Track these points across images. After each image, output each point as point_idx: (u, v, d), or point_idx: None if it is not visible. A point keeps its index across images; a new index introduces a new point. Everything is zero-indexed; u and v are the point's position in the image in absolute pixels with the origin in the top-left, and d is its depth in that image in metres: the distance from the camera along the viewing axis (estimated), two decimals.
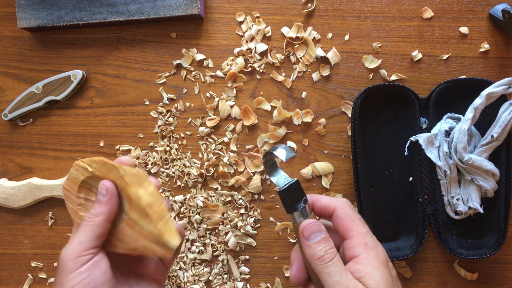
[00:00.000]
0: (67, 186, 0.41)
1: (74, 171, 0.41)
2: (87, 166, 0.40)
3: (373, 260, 0.36)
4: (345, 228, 0.38)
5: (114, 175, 0.40)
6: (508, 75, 0.61)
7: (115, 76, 0.65)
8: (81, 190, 0.41)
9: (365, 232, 0.38)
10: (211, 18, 0.64)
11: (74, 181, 0.41)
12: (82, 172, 0.41)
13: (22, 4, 0.63)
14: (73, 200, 0.41)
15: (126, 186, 0.39)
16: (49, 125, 0.66)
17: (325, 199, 0.40)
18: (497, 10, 0.59)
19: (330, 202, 0.40)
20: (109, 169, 0.40)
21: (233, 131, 0.64)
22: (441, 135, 0.58)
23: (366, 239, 0.38)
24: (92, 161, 0.41)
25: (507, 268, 0.61)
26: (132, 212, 0.39)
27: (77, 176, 0.41)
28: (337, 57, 0.62)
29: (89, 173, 0.41)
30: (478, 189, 0.57)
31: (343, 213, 0.39)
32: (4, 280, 0.67)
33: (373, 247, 0.37)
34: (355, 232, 0.38)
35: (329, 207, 0.40)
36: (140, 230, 0.39)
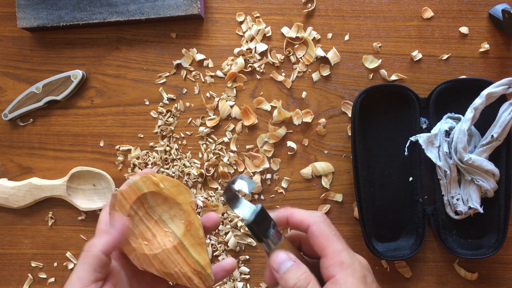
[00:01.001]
0: (124, 193, 0.39)
1: (140, 181, 0.39)
2: (159, 182, 0.39)
3: (350, 279, 0.35)
4: (319, 246, 0.37)
5: (183, 199, 0.40)
6: (508, 75, 0.61)
7: (115, 76, 0.65)
8: (136, 202, 0.39)
9: (340, 249, 0.36)
10: (211, 18, 0.64)
11: (135, 191, 0.39)
12: (149, 185, 0.39)
13: (22, 4, 0.63)
14: (125, 208, 0.39)
15: (191, 212, 0.40)
16: (49, 125, 0.66)
17: (300, 215, 0.39)
18: (497, 10, 0.59)
19: (305, 218, 0.38)
20: (180, 192, 0.40)
21: (233, 131, 0.64)
22: (441, 135, 0.58)
23: (342, 257, 0.36)
24: (164, 179, 0.40)
25: (507, 268, 0.61)
26: (186, 238, 0.40)
27: (141, 187, 0.39)
28: (337, 57, 0.62)
29: (156, 189, 0.39)
30: (478, 189, 0.57)
31: (317, 230, 0.37)
32: (4, 280, 0.67)
33: (349, 265, 0.36)
34: (330, 250, 0.36)
35: (303, 223, 0.38)
36: (187, 258, 0.39)
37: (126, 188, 0.39)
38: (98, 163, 0.65)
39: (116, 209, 0.39)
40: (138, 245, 0.39)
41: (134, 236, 0.39)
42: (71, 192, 0.64)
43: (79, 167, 0.64)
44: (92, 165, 0.65)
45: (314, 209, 0.63)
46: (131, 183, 0.39)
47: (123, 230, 0.38)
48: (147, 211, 0.40)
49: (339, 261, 0.35)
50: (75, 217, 0.66)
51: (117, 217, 0.38)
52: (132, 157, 0.64)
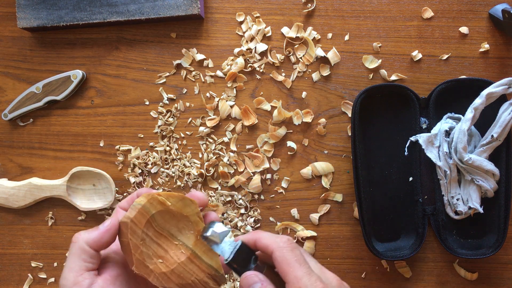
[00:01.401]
0: (135, 219, 0.39)
1: (147, 204, 0.39)
2: (165, 200, 0.40)
3: None
4: (281, 272, 0.37)
5: (190, 210, 0.40)
6: (508, 75, 0.61)
7: (115, 76, 0.65)
8: (146, 225, 0.39)
9: (300, 276, 0.36)
10: (211, 18, 0.64)
11: (144, 215, 0.39)
12: (156, 206, 0.39)
13: (22, 4, 0.63)
14: (138, 234, 0.39)
15: (198, 221, 0.41)
16: (49, 125, 0.66)
17: (266, 239, 0.38)
18: (497, 10, 0.59)
19: (269, 244, 0.38)
20: (186, 204, 0.40)
21: (233, 131, 0.64)
22: (441, 135, 0.58)
23: (301, 284, 0.35)
24: (169, 196, 0.40)
25: (507, 268, 0.61)
26: (196, 247, 0.40)
27: (149, 209, 0.39)
28: (337, 57, 0.62)
29: (163, 207, 0.40)
30: (478, 189, 0.57)
31: (279, 257, 0.37)
32: (4, 280, 0.67)
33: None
34: (290, 277, 0.36)
35: (268, 248, 0.38)
36: (200, 265, 0.40)
37: (136, 214, 0.39)
38: (98, 163, 0.65)
39: (131, 238, 0.39)
40: (155, 266, 0.39)
41: (149, 258, 0.39)
42: (71, 192, 0.64)
43: (79, 167, 0.64)
44: (92, 165, 0.65)
45: (314, 209, 0.63)
46: (139, 208, 0.39)
47: (111, 229, 0.39)
48: (156, 229, 0.40)
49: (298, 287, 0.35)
50: (75, 217, 0.66)
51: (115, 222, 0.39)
52: (132, 157, 0.64)
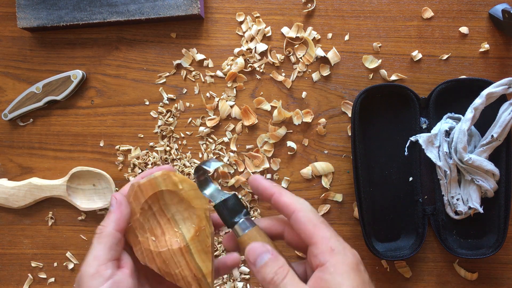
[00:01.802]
0: (142, 186, 0.39)
1: (160, 178, 0.39)
2: (178, 183, 0.39)
3: (341, 267, 0.33)
4: (307, 233, 0.35)
5: (199, 204, 0.40)
6: (508, 75, 0.61)
7: (115, 76, 0.65)
8: (152, 197, 0.39)
9: (329, 235, 0.34)
10: (211, 18, 0.64)
11: (153, 186, 0.39)
12: (167, 184, 0.39)
13: (22, 4, 0.63)
14: (140, 201, 0.39)
15: (203, 218, 0.40)
16: (49, 125, 0.66)
17: (286, 197, 0.37)
18: (497, 10, 0.59)
19: (290, 203, 0.36)
20: (197, 196, 0.40)
21: (233, 131, 0.64)
22: (441, 135, 0.58)
23: (332, 244, 0.34)
24: (184, 181, 0.40)
25: (507, 268, 0.61)
26: (193, 243, 0.39)
27: (160, 184, 0.39)
28: (337, 57, 0.62)
29: (174, 188, 0.39)
30: (478, 189, 0.57)
31: (304, 216, 0.35)
32: (4, 280, 0.67)
33: (340, 251, 0.34)
34: (318, 237, 0.34)
35: (289, 207, 0.36)
36: (190, 262, 0.39)
37: (144, 182, 0.39)
38: (98, 163, 0.65)
39: (131, 201, 0.39)
40: (145, 240, 0.39)
41: (143, 230, 0.39)
42: (71, 192, 0.64)
43: (79, 167, 0.64)
44: (92, 165, 0.65)
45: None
46: (151, 177, 0.39)
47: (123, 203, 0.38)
48: (161, 207, 0.40)
49: (328, 248, 0.34)
50: (75, 217, 0.66)
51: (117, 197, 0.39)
52: (132, 157, 0.64)
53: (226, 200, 0.38)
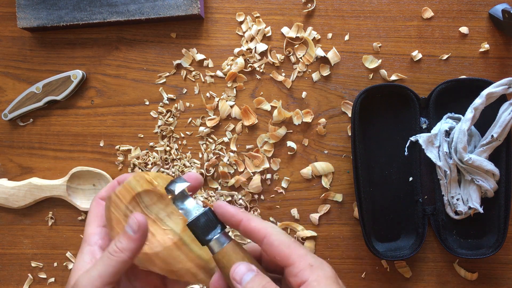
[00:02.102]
0: (119, 193, 0.39)
1: (133, 181, 0.39)
2: (152, 180, 0.39)
3: (323, 281, 0.33)
4: (283, 255, 0.35)
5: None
6: (508, 75, 0.61)
7: (115, 76, 0.65)
8: (131, 202, 0.39)
9: (305, 253, 0.35)
10: (211, 18, 0.64)
11: (129, 191, 0.39)
12: (142, 184, 0.39)
13: (22, 4, 0.63)
14: (121, 209, 0.39)
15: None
16: (49, 125, 0.66)
17: (255, 223, 0.37)
18: (497, 10, 0.59)
19: (260, 228, 0.36)
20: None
21: (233, 131, 0.64)
22: (441, 135, 0.58)
23: (309, 260, 0.34)
24: (157, 177, 0.39)
25: (507, 268, 0.61)
26: (185, 234, 0.39)
27: (135, 186, 0.39)
28: (337, 57, 0.62)
29: (150, 187, 0.39)
30: (478, 189, 0.57)
31: (276, 240, 0.35)
32: (4, 280, 0.67)
33: (318, 266, 0.34)
34: (295, 256, 0.34)
35: (259, 233, 0.36)
36: (188, 253, 0.39)
37: (120, 189, 0.39)
38: (98, 163, 0.65)
39: (112, 211, 0.38)
40: None
41: None
42: (71, 192, 0.64)
43: (79, 167, 0.64)
44: (92, 165, 0.65)
45: (314, 209, 0.63)
46: (125, 183, 0.39)
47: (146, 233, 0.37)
48: (143, 211, 0.39)
49: (307, 264, 0.34)
50: (75, 217, 0.66)
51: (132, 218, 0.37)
52: (132, 157, 0.64)
53: (198, 218, 0.37)
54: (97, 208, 0.41)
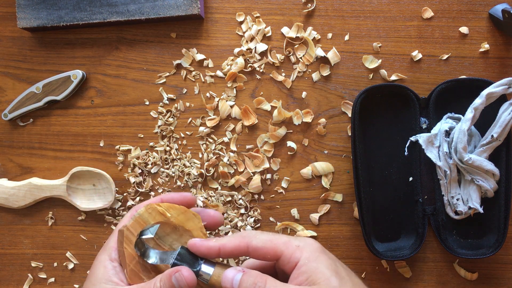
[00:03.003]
0: (131, 228, 0.38)
1: (145, 213, 0.38)
2: (165, 211, 0.38)
3: (312, 255, 0.36)
4: (271, 251, 0.36)
5: (193, 225, 0.39)
6: (508, 75, 0.61)
7: (115, 76, 0.65)
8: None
9: (288, 239, 0.37)
10: (211, 18, 0.64)
11: (141, 224, 0.38)
12: (155, 216, 0.38)
13: (22, 4, 0.63)
14: (133, 243, 0.38)
15: (202, 237, 0.39)
16: (49, 125, 0.66)
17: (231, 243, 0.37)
18: (497, 10, 0.59)
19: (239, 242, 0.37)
20: (188, 218, 0.39)
21: (233, 131, 0.64)
22: (441, 135, 0.58)
23: (294, 243, 0.37)
24: (170, 207, 0.39)
25: (507, 268, 0.61)
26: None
27: (147, 219, 0.38)
28: (337, 57, 0.62)
29: (163, 219, 0.38)
30: (478, 189, 0.57)
31: (258, 242, 0.37)
32: (4, 280, 0.67)
33: (305, 244, 0.37)
34: (281, 245, 0.36)
35: (240, 248, 0.37)
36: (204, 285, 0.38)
37: (132, 222, 0.38)
38: (98, 163, 0.65)
39: (125, 247, 0.37)
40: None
41: (146, 271, 0.38)
42: (71, 192, 0.64)
43: (79, 167, 0.64)
44: (92, 165, 0.65)
45: (314, 209, 0.63)
46: (136, 216, 0.38)
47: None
48: (157, 243, 0.39)
49: (294, 247, 0.36)
50: (75, 217, 0.66)
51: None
52: (132, 157, 0.64)
53: (180, 254, 0.37)
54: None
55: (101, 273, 0.38)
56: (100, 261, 0.39)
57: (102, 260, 0.39)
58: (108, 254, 0.39)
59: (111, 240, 0.40)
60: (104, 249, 0.40)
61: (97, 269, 0.38)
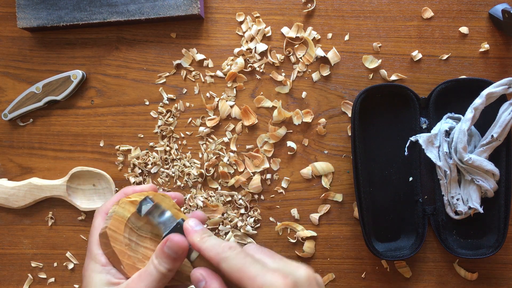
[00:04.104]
0: (112, 227, 0.39)
1: (119, 209, 0.39)
2: (136, 200, 0.39)
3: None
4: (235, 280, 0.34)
5: (165, 205, 0.40)
6: (508, 75, 0.61)
7: (115, 76, 0.65)
8: (125, 230, 0.39)
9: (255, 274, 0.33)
10: (211, 18, 0.64)
11: (120, 220, 0.39)
12: (129, 208, 0.39)
13: (22, 4, 0.63)
14: (120, 240, 0.39)
15: (178, 213, 0.40)
16: (49, 125, 0.66)
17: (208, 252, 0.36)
18: (497, 10, 0.59)
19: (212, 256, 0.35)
20: (160, 200, 0.40)
21: (233, 131, 0.64)
22: (441, 135, 0.58)
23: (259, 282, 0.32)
24: (140, 195, 0.40)
25: (507, 268, 0.61)
26: None
27: (123, 213, 0.39)
28: (337, 57, 0.62)
29: (136, 208, 0.39)
30: (478, 189, 0.57)
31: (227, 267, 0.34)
32: (4, 280, 0.67)
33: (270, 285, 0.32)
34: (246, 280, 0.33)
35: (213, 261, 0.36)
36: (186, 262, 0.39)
37: (111, 221, 0.39)
38: (98, 163, 0.65)
39: (113, 246, 0.38)
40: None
41: (140, 261, 0.39)
42: (71, 192, 0.64)
43: (79, 167, 0.64)
44: (92, 165, 0.65)
45: (314, 209, 0.63)
46: (113, 214, 0.39)
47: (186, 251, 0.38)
48: (138, 234, 0.40)
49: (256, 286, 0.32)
50: (75, 217, 0.66)
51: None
52: (132, 157, 0.64)
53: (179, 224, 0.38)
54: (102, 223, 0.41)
55: (98, 279, 0.38)
56: (92, 270, 0.39)
57: (94, 269, 0.39)
58: (97, 261, 0.39)
59: (93, 248, 0.40)
60: (90, 258, 0.40)
61: (92, 278, 0.39)
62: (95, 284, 0.38)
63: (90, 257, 0.40)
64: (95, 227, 0.41)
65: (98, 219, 0.42)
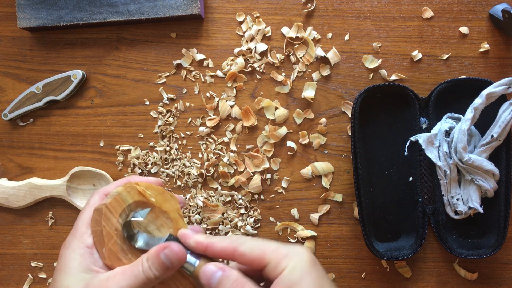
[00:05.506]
0: (110, 206, 0.37)
1: (124, 192, 0.38)
2: (144, 190, 0.38)
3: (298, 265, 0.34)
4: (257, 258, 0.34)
5: (170, 206, 0.39)
6: (508, 75, 0.61)
7: (115, 76, 0.65)
8: (122, 215, 0.38)
9: (277, 246, 0.35)
10: (211, 18, 0.64)
11: (120, 203, 0.37)
12: (133, 195, 0.38)
13: (22, 4, 0.63)
14: (112, 223, 0.37)
15: (178, 219, 0.39)
16: (49, 125, 0.66)
17: (220, 244, 0.36)
18: (497, 10, 0.59)
19: (227, 245, 0.36)
20: (166, 199, 0.39)
21: (233, 131, 0.64)
22: (441, 135, 0.58)
23: (283, 251, 0.34)
24: (148, 187, 0.39)
25: (507, 268, 0.61)
26: None
27: (126, 198, 0.38)
28: (337, 57, 0.62)
29: (141, 198, 0.38)
30: (478, 189, 0.57)
31: (246, 248, 0.35)
32: (4, 280, 0.67)
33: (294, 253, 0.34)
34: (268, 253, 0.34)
35: (226, 251, 0.36)
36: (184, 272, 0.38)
37: (111, 200, 0.37)
38: (98, 163, 0.65)
39: (104, 225, 0.37)
40: (129, 261, 0.37)
41: (124, 252, 0.37)
42: (71, 192, 0.64)
43: (79, 167, 0.64)
44: (92, 165, 0.65)
45: (314, 209, 0.63)
46: (115, 194, 0.37)
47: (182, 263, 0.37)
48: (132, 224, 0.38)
49: (282, 255, 0.34)
50: (75, 217, 0.66)
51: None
52: (132, 157, 0.64)
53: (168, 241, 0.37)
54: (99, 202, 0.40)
55: (77, 262, 0.36)
56: (73, 249, 0.37)
57: (75, 248, 0.37)
58: (82, 241, 0.37)
59: (81, 226, 0.38)
60: (74, 235, 0.37)
61: (71, 258, 0.36)
62: (71, 268, 0.36)
63: (75, 235, 0.37)
64: (90, 205, 0.39)
65: (95, 197, 0.40)
